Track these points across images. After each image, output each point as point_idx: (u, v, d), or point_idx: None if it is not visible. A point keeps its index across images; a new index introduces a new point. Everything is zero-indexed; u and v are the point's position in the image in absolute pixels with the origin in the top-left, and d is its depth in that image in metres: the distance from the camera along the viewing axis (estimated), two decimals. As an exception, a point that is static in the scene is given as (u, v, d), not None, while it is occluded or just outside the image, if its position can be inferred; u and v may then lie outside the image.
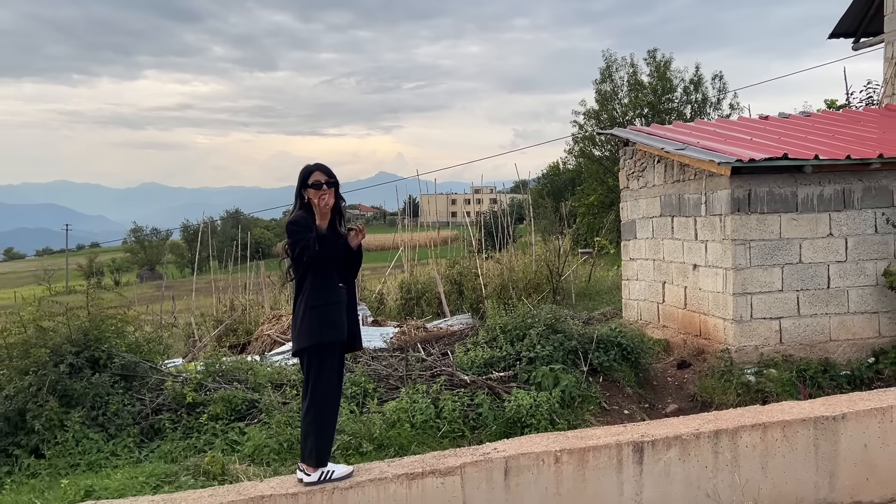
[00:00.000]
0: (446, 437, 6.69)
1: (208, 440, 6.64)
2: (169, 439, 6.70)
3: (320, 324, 4.32)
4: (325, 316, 4.33)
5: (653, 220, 9.77)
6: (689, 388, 8.11)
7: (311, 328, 4.30)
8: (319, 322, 4.32)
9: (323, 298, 4.34)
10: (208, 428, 6.75)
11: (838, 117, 10.94)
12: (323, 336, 4.32)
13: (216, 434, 6.69)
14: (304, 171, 4.47)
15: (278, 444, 6.38)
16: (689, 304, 8.93)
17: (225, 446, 6.52)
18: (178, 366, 8.76)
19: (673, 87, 31.09)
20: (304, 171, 4.48)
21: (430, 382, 7.29)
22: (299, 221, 4.36)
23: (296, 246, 4.28)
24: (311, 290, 4.34)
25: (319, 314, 4.32)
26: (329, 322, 4.34)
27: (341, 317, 4.43)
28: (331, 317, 4.35)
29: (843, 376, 7.75)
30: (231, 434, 6.65)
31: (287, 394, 7.35)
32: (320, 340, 4.32)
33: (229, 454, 6.35)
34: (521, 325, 7.95)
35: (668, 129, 10.47)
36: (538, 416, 6.79)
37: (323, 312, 4.33)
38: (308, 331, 4.31)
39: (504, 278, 16.11)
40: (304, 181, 4.43)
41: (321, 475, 4.35)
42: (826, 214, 8.00)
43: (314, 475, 4.32)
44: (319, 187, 4.36)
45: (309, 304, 4.32)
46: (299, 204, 4.46)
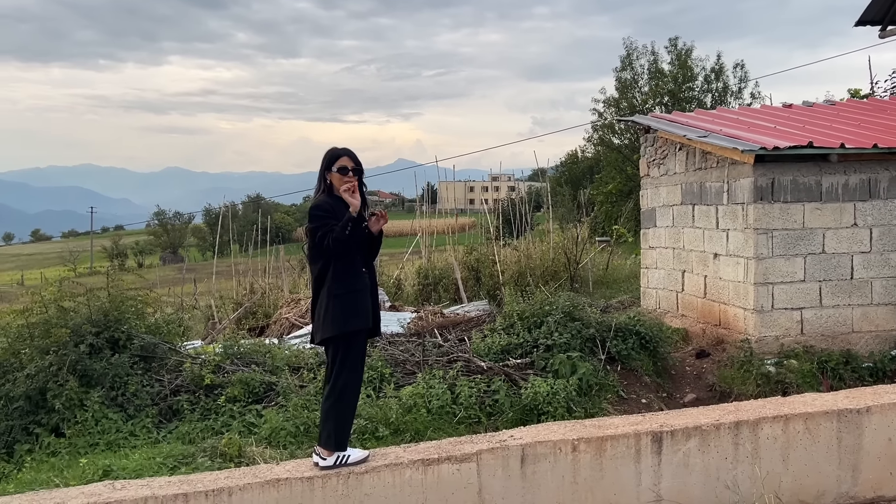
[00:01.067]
0: (462, 424, 6.68)
1: (226, 422, 6.68)
2: (187, 420, 6.75)
3: (348, 312, 4.29)
4: (352, 304, 4.30)
5: (673, 209, 9.66)
6: (708, 377, 8.04)
7: (338, 316, 4.26)
8: (346, 310, 4.29)
9: (349, 286, 4.30)
10: (226, 410, 6.79)
11: (864, 106, 10.75)
12: (349, 324, 4.29)
13: (233, 416, 6.73)
14: (331, 154, 4.42)
15: (295, 427, 6.40)
16: (708, 294, 8.84)
17: (242, 428, 6.56)
18: (196, 348, 8.81)
19: (694, 76, 30.73)
20: (331, 153, 4.43)
21: (446, 368, 7.28)
22: (323, 206, 4.31)
23: (317, 232, 4.23)
24: (336, 278, 4.30)
25: (345, 302, 4.28)
26: (355, 310, 4.31)
27: (367, 304, 4.40)
28: (357, 304, 4.33)
29: (865, 368, 7.65)
30: (248, 416, 6.69)
31: (304, 377, 7.37)
32: (347, 328, 4.29)
33: (246, 436, 6.38)
34: (538, 313, 7.91)
35: (690, 117, 10.35)
36: (555, 404, 6.76)
37: (350, 300, 4.30)
38: (335, 319, 4.26)
39: (521, 265, 16.04)
40: (329, 164, 4.39)
41: (337, 459, 4.33)
42: (851, 204, 7.87)
43: (330, 459, 4.31)
44: (346, 173, 4.33)
45: (334, 293, 4.27)
46: (322, 187, 4.43)
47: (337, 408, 4.38)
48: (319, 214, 4.29)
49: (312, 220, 4.30)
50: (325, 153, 4.51)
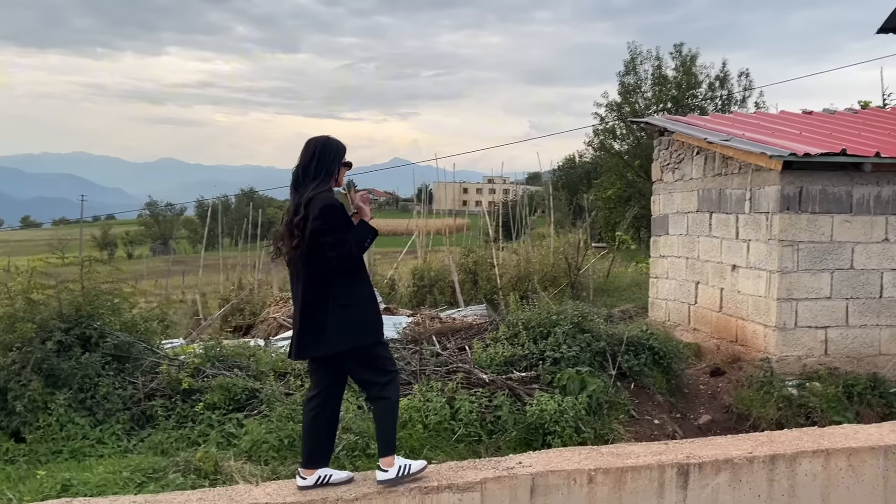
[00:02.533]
0: (462, 442, 6.13)
1: (203, 431, 6.12)
2: (161, 428, 6.18)
3: (370, 320, 3.97)
4: (371, 311, 3.98)
5: (688, 216, 9.13)
6: (724, 398, 7.51)
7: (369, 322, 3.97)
8: (368, 318, 3.97)
9: (364, 292, 3.95)
10: (204, 418, 6.23)
11: (889, 115, 10.26)
12: (377, 333, 4.01)
13: (212, 425, 6.17)
14: (340, 147, 4.00)
15: (278, 440, 5.84)
16: (725, 308, 8.31)
17: (220, 439, 6.00)
18: (176, 347, 8.24)
19: (698, 83, 30.27)
20: (339, 145, 4.00)
21: (445, 379, 6.73)
22: (339, 208, 3.89)
23: (329, 238, 3.78)
24: (353, 283, 3.93)
25: (367, 309, 3.95)
26: (373, 318, 4.02)
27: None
28: (374, 311, 4.03)
29: (893, 394, 7.14)
30: (228, 426, 6.13)
31: (291, 384, 6.81)
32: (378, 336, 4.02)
33: (224, 448, 5.83)
34: (545, 322, 7.36)
35: (707, 120, 9.84)
36: (562, 424, 6.22)
37: (370, 307, 3.96)
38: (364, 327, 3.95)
39: (521, 270, 15.51)
40: (341, 156, 3.98)
41: (400, 470, 3.96)
42: (882, 217, 7.36)
43: (392, 471, 3.94)
44: (350, 167, 4.04)
45: (358, 298, 3.94)
46: (326, 179, 3.93)
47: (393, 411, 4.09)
48: (337, 220, 3.83)
49: (327, 222, 3.79)
50: (331, 143, 4.03)
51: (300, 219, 3.84)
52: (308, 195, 3.94)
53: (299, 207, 3.92)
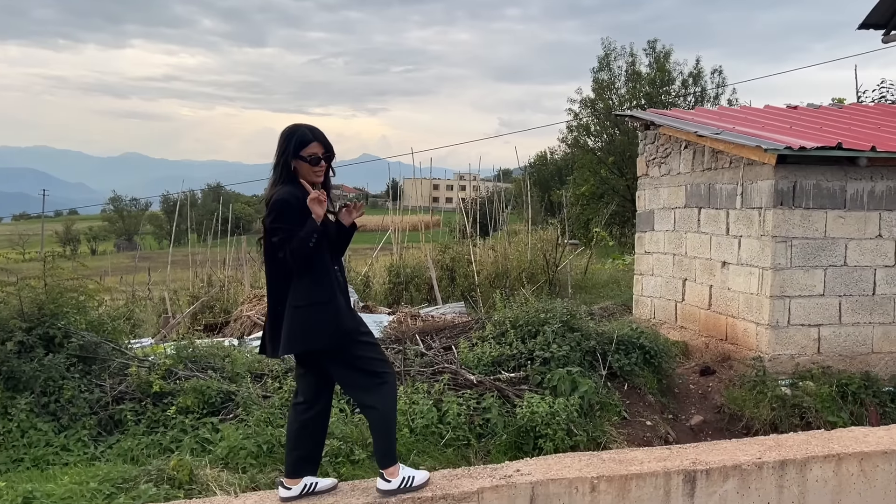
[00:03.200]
0: (450, 447, 5.85)
1: (176, 437, 5.77)
2: (130, 434, 5.81)
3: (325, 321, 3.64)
4: (339, 309, 3.66)
5: (675, 211, 8.95)
6: (715, 397, 7.33)
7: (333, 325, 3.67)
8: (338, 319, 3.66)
9: (319, 295, 3.61)
10: (176, 422, 5.87)
11: (874, 110, 10.19)
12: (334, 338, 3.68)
13: (185, 430, 5.81)
14: (299, 137, 3.62)
15: (257, 446, 5.51)
16: (714, 305, 8.14)
17: (195, 445, 5.65)
18: (146, 347, 7.84)
19: (672, 80, 30.32)
20: (300, 136, 3.63)
21: (431, 381, 6.45)
22: (291, 202, 3.52)
23: (285, 245, 3.48)
24: (319, 284, 3.62)
25: (320, 311, 3.62)
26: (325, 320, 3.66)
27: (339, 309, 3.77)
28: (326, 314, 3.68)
29: (886, 393, 7.02)
30: (202, 431, 5.78)
31: (269, 386, 6.48)
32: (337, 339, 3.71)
33: (199, 455, 5.48)
34: (533, 321, 7.11)
35: (693, 114, 9.66)
36: (554, 426, 5.97)
37: (336, 307, 3.63)
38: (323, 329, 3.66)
39: (498, 266, 15.28)
40: (297, 149, 3.58)
41: (402, 482, 3.73)
42: (876, 213, 7.22)
43: (395, 481, 3.71)
44: (317, 163, 3.63)
45: (323, 299, 3.63)
46: (284, 175, 3.61)
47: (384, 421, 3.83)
48: (285, 214, 3.50)
49: (275, 219, 3.50)
50: (288, 132, 3.67)
51: (264, 216, 3.58)
52: (270, 191, 3.67)
53: (265, 203, 3.67)
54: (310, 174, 3.61)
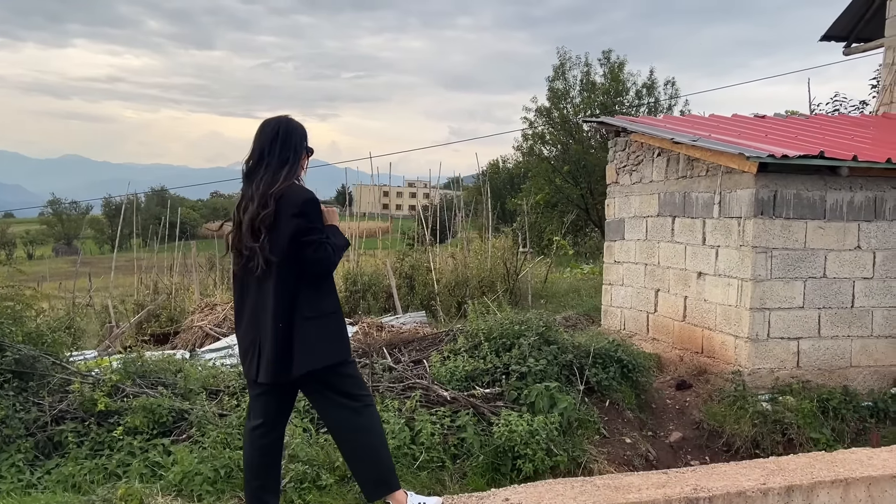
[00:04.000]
0: (424, 469, 5.45)
1: (123, 461, 5.22)
2: (72, 457, 5.24)
3: (343, 332, 3.43)
4: (342, 323, 3.35)
5: (647, 220, 8.72)
6: (693, 413, 7.08)
7: (341, 337, 3.46)
8: (342, 329, 3.43)
9: (336, 303, 3.31)
10: (124, 444, 5.32)
11: (841, 121, 10.17)
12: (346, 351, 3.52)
13: (133, 453, 5.27)
14: (303, 130, 3.46)
15: (213, 470, 5.01)
16: (689, 317, 7.91)
17: (144, 470, 5.12)
18: (89, 360, 7.25)
19: (626, 90, 30.47)
20: (303, 129, 3.46)
21: (402, 397, 6.04)
22: (319, 206, 3.32)
23: (323, 250, 3.26)
24: (326, 294, 3.36)
25: (340, 320, 3.32)
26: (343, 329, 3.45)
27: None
28: (343, 329, 3.47)
29: (865, 408, 6.86)
30: (153, 454, 5.24)
31: (225, 404, 5.99)
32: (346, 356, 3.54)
33: (150, 481, 4.97)
34: (508, 333, 6.76)
35: (665, 121, 9.49)
36: (533, 446, 5.62)
37: (341, 319, 3.33)
38: (340, 339, 3.46)
39: (458, 275, 14.94)
40: (306, 138, 3.46)
41: None
42: (855, 224, 7.09)
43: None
44: (311, 154, 3.55)
45: (332, 310, 3.40)
46: (296, 170, 3.28)
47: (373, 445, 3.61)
48: (319, 216, 3.26)
49: (311, 220, 3.18)
50: (294, 124, 3.44)
51: (268, 214, 3.14)
52: (279, 187, 3.27)
53: (266, 200, 3.24)
54: (306, 167, 3.34)
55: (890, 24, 10.88)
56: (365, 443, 3.55)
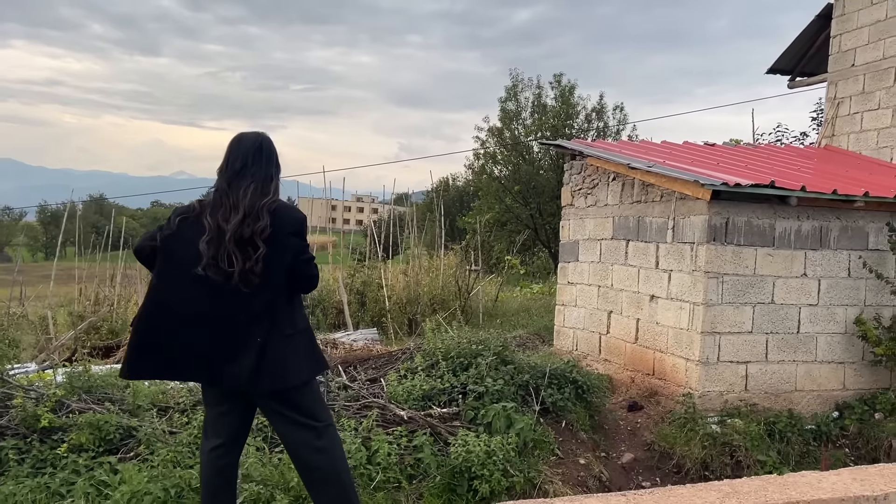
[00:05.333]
0: (381, 490, 5.39)
1: (67, 479, 5.02)
2: (12, 476, 5.02)
3: (315, 348, 3.50)
4: (314, 338, 3.38)
5: (601, 243, 8.85)
6: (644, 434, 7.17)
7: (317, 352, 3.53)
8: (314, 346, 3.49)
9: (306, 318, 3.28)
10: (68, 462, 5.13)
11: (787, 151, 10.51)
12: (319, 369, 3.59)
13: (78, 471, 5.08)
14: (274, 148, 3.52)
15: (163, 490, 4.85)
16: (641, 339, 8.04)
17: (90, 489, 4.93)
18: (30, 373, 6.98)
19: (576, 113, 31.00)
20: (273, 147, 3.52)
21: (358, 417, 5.97)
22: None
23: (315, 270, 3.44)
24: (298, 309, 3.41)
25: (312, 336, 3.35)
26: (316, 353, 3.55)
27: None
28: (316, 346, 3.58)
29: (809, 431, 7.05)
30: (99, 472, 5.06)
31: (175, 421, 5.83)
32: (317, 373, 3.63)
33: (96, 501, 4.81)
34: (466, 352, 6.76)
35: (619, 146, 9.66)
36: (490, 467, 5.61)
37: (312, 334, 3.35)
38: (316, 355, 3.52)
39: (410, 292, 14.91)
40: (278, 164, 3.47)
41: None
42: (802, 252, 7.32)
43: None
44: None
45: (302, 327, 3.41)
46: (278, 186, 3.29)
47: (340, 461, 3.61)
48: (306, 234, 3.33)
49: (305, 238, 3.36)
50: (267, 142, 3.43)
51: (262, 227, 3.10)
52: (271, 200, 3.24)
53: (258, 212, 3.19)
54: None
55: (833, 61, 11.31)
56: (325, 465, 3.49)
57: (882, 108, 10.27)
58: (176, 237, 3.37)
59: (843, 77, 11.03)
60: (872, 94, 10.48)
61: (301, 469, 3.62)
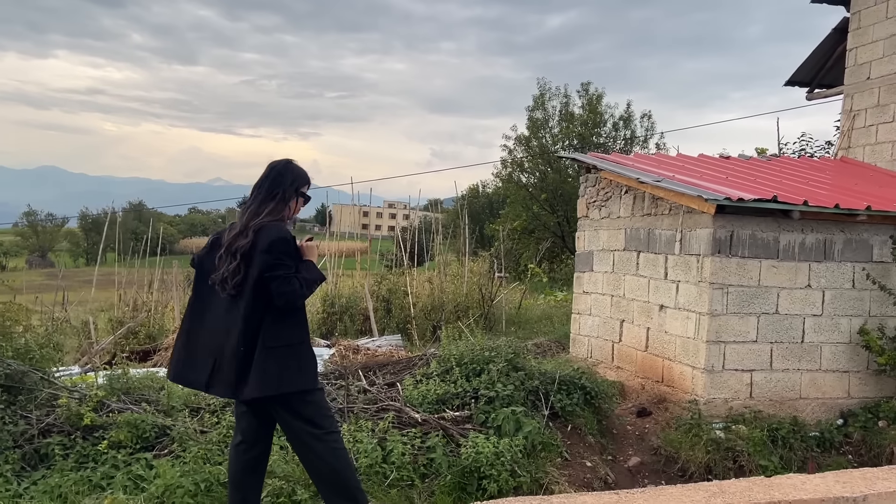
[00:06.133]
0: (394, 487, 5.77)
1: (107, 473, 5.49)
2: (58, 469, 5.51)
3: (311, 361, 3.63)
4: (307, 354, 3.60)
5: (614, 254, 9.16)
6: (652, 439, 7.46)
7: (300, 368, 3.70)
8: (310, 360, 3.67)
9: (303, 334, 3.59)
10: (108, 458, 5.60)
11: (800, 164, 10.71)
12: (305, 382, 3.69)
13: (117, 466, 5.55)
14: (302, 175, 3.77)
15: (194, 484, 5.29)
16: (651, 347, 8.32)
17: (128, 482, 5.40)
18: (74, 376, 7.50)
19: (603, 122, 31.17)
20: (301, 174, 3.77)
21: (375, 419, 6.36)
22: (291, 245, 3.58)
23: (287, 285, 3.47)
24: (288, 325, 3.61)
25: (306, 350, 3.58)
26: (311, 359, 3.73)
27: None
28: (304, 361, 3.74)
29: (812, 438, 7.28)
30: (136, 467, 5.53)
31: (206, 420, 6.28)
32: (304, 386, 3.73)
33: (133, 493, 5.24)
34: (478, 359, 7.12)
35: (633, 159, 9.95)
36: (498, 468, 5.96)
37: (306, 350, 3.58)
38: (306, 369, 3.73)
39: (434, 299, 15.28)
40: (299, 185, 3.68)
41: None
42: (806, 264, 7.56)
43: None
44: (307, 202, 3.79)
45: (290, 342, 3.64)
46: (279, 209, 3.59)
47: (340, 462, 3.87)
48: (287, 253, 3.51)
49: (278, 257, 3.47)
50: (288, 166, 3.75)
51: (247, 244, 3.50)
52: (259, 221, 3.62)
53: (247, 230, 3.59)
54: (293, 211, 3.66)
55: (849, 74, 11.48)
56: (326, 467, 3.83)
57: (896, 120, 10.43)
58: (206, 255, 3.82)
59: (859, 90, 11.19)
60: (887, 107, 10.64)
61: (307, 468, 4.02)
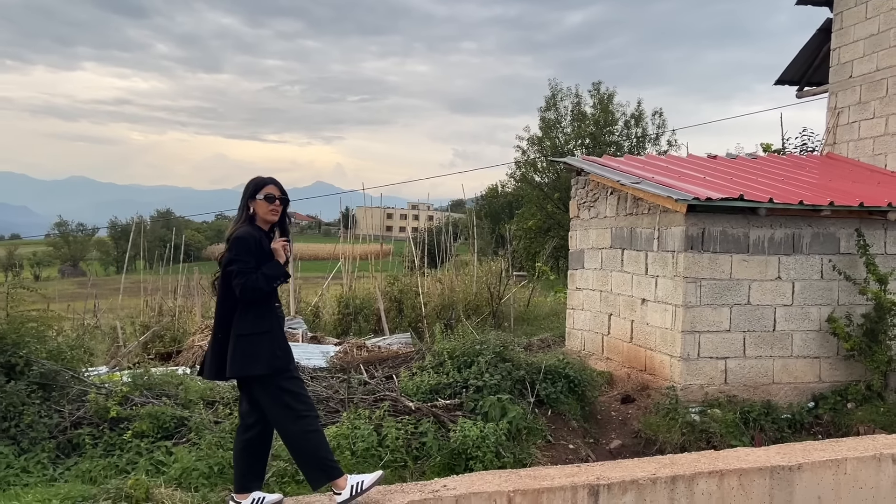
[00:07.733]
0: (388, 467, 6.39)
1: (131, 459, 6.18)
2: (88, 456, 6.20)
3: (273, 348, 4.17)
4: (272, 343, 4.17)
5: (602, 252, 9.71)
6: (633, 423, 8.02)
7: (261, 355, 4.15)
8: (272, 346, 4.17)
9: (269, 325, 4.16)
10: (132, 446, 6.28)
11: (784, 161, 11.16)
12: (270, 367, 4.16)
13: (140, 453, 6.23)
14: (257, 182, 4.30)
15: (208, 467, 5.96)
16: (635, 339, 8.87)
17: (150, 467, 6.07)
18: (102, 375, 8.21)
19: (615, 120, 31.59)
20: (257, 181, 4.31)
21: (372, 407, 6.99)
22: (248, 240, 4.14)
23: (242, 278, 4.05)
24: (253, 315, 4.16)
25: (268, 341, 4.13)
26: (274, 348, 4.20)
27: (282, 343, 4.32)
28: (274, 342, 4.22)
29: (784, 420, 7.78)
30: (157, 454, 6.21)
31: (220, 412, 6.94)
32: (275, 366, 4.15)
33: (154, 476, 5.90)
34: (469, 352, 7.72)
35: (621, 162, 10.48)
36: (483, 449, 6.56)
37: (267, 339, 4.16)
38: (259, 358, 4.15)
39: (445, 298, 15.90)
40: (254, 191, 4.25)
41: (352, 490, 4.27)
42: (776, 258, 8.06)
43: (345, 492, 4.26)
44: (272, 201, 4.23)
45: (254, 331, 4.14)
46: (244, 216, 4.23)
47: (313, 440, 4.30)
48: (243, 250, 4.10)
49: (237, 254, 4.10)
50: (249, 181, 4.38)
51: (224, 252, 4.16)
52: (231, 231, 4.27)
53: (228, 242, 4.26)
54: (266, 213, 4.23)
55: (833, 73, 11.90)
56: (299, 444, 4.35)
57: (877, 117, 10.86)
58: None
59: (843, 88, 11.62)
60: (868, 104, 11.07)
61: (286, 444, 4.58)
